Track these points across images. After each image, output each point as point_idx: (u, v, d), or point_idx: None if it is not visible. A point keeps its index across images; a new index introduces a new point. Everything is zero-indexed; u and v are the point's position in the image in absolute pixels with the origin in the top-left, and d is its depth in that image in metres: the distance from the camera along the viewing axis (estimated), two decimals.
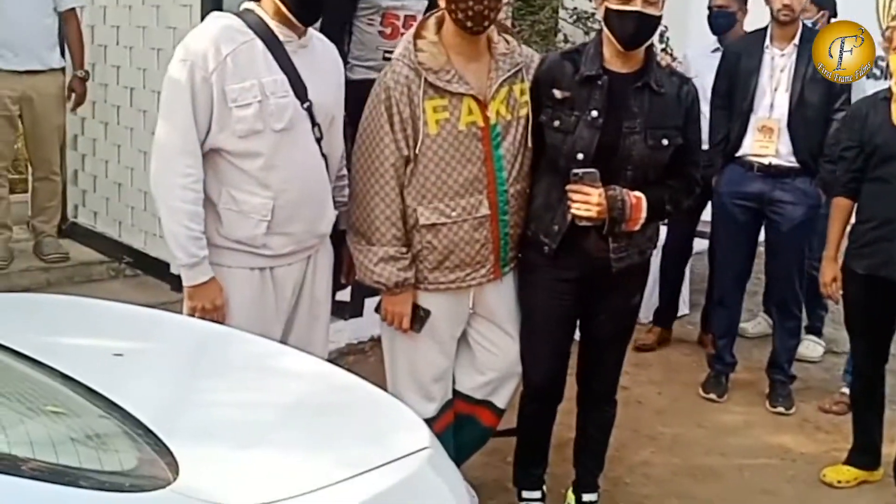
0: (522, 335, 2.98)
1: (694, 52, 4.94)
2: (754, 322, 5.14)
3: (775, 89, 4.12)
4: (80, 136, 5.56)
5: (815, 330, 4.91)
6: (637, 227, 2.76)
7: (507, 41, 2.80)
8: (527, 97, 2.79)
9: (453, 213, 2.72)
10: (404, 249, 2.74)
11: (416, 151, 2.66)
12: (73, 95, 4.98)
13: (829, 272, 3.45)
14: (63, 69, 4.96)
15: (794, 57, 4.07)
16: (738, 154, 4.19)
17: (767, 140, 4.12)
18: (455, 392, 3.01)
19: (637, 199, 2.73)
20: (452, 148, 2.68)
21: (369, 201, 2.71)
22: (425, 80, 2.63)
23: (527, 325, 2.97)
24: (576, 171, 2.68)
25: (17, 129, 4.85)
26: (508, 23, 5.78)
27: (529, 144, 2.82)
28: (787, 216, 4.14)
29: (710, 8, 4.76)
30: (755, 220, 4.26)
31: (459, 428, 3.02)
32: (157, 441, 1.67)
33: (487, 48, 2.74)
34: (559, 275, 2.88)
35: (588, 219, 2.70)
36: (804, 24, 4.09)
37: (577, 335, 3.08)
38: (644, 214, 2.74)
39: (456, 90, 2.66)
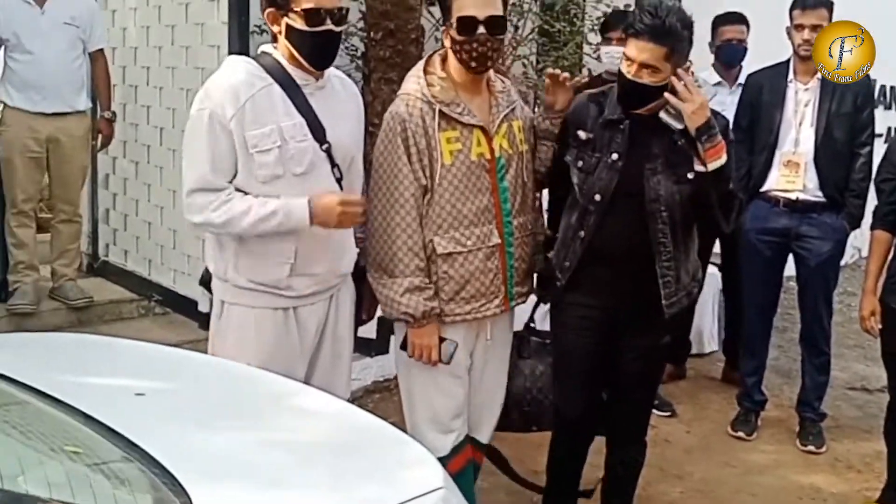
0: (554, 372, 3.01)
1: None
2: None
3: (800, 124, 4.10)
4: (112, 175, 5.68)
5: None
6: (714, 162, 2.70)
7: (503, 81, 2.90)
8: (523, 135, 2.86)
9: (468, 242, 2.75)
10: (427, 280, 2.76)
11: (432, 182, 2.71)
12: (101, 136, 5.06)
13: (868, 306, 3.41)
14: (88, 111, 5.02)
15: (818, 91, 4.06)
16: (762, 189, 4.17)
17: (794, 175, 4.10)
18: None
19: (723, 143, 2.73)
20: (465, 178, 2.73)
21: (391, 233, 2.73)
22: (439, 111, 2.69)
23: (557, 362, 3.01)
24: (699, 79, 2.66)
25: (44, 170, 4.90)
26: (533, 59, 5.84)
27: (527, 180, 2.87)
28: (815, 251, 4.11)
29: (724, 40, 4.77)
30: (781, 256, 4.23)
31: None
32: (173, 482, 1.68)
33: (486, 86, 2.83)
34: (583, 311, 2.91)
35: (687, 108, 2.67)
36: None
37: None
38: (724, 157, 2.71)
39: (467, 122, 2.72)
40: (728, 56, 4.77)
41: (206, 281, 2.84)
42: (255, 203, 2.53)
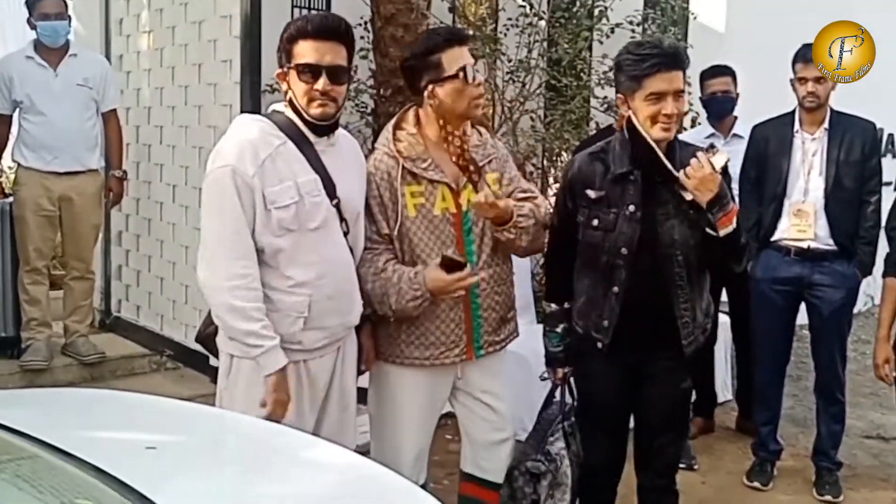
0: (579, 422, 3.07)
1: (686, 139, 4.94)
2: None
3: (808, 173, 4.12)
4: (125, 232, 5.73)
5: None
6: (725, 230, 2.74)
7: (480, 133, 2.98)
8: (498, 186, 2.93)
9: None
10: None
11: (395, 232, 2.81)
12: (111, 194, 5.12)
13: (882, 354, 3.41)
14: (101, 169, 5.08)
15: (825, 141, 4.09)
16: (773, 238, 4.17)
17: (804, 224, 4.10)
18: (462, 473, 3.15)
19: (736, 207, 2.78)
20: (428, 231, 2.84)
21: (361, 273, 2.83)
22: (403, 167, 2.80)
23: (583, 412, 3.07)
24: (713, 144, 2.75)
25: (56, 228, 4.95)
26: (541, 113, 5.91)
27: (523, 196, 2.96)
28: (828, 299, 4.10)
29: (710, 94, 4.84)
30: (794, 305, 4.22)
31: None
32: None
33: None
34: (613, 366, 2.95)
35: (690, 187, 2.72)
36: (832, 109, 4.11)
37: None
38: (735, 223, 2.76)
39: (431, 177, 2.83)
40: (715, 108, 4.85)
41: (202, 338, 2.85)
42: (266, 321, 2.57)
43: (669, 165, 2.78)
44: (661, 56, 2.72)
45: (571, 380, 3.10)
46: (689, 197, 2.75)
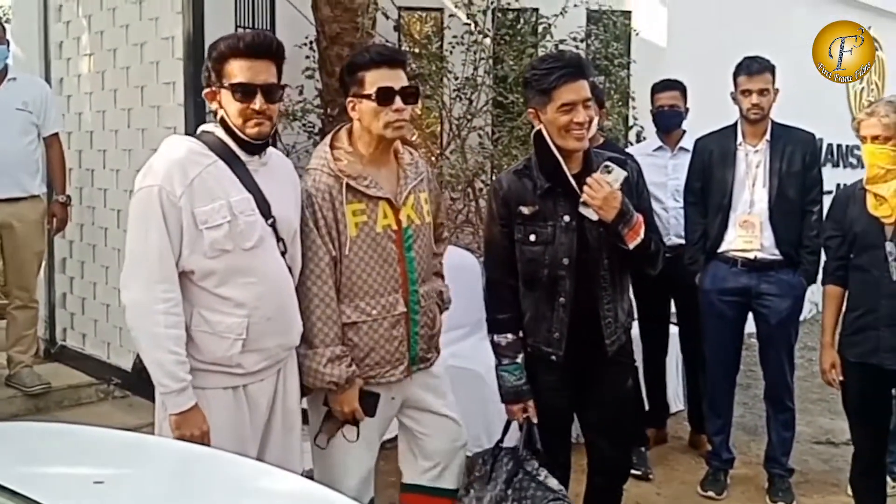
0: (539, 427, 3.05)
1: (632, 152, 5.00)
2: None
3: (752, 185, 4.18)
4: (69, 259, 5.62)
5: None
6: (634, 242, 2.83)
7: (410, 153, 3.00)
8: (429, 206, 2.98)
9: (373, 312, 2.84)
10: (345, 348, 2.82)
11: (339, 253, 2.79)
12: (55, 220, 5.02)
13: (828, 359, 3.46)
14: (43, 195, 4.98)
15: (767, 152, 4.16)
16: (719, 250, 4.23)
17: (750, 235, 4.16)
18: (405, 486, 3.12)
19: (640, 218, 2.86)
20: (371, 249, 2.82)
21: (308, 304, 2.78)
22: (346, 185, 2.77)
23: (538, 418, 3.06)
24: (607, 163, 2.82)
25: None
26: (488, 129, 5.93)
27: (435, 249, 3.04)
28: (775, 309, 4.16)
29: (658, 108, 4.88)
30: (742, 315, 4.28)
31: None
32: None
33: (395, 158, 2.93)
34: (565, 376, 2.99)
35: (594, 207, 2.79)
36: (773, 121, 4.18)
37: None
38: (643, 234, 2.84)
39: (374, 194, 2.82)
40: (663, 122, 4.90)
41: (140, 367, 2.78)
42: (183, 355, 2.53)
43: (574, 183, 2.85)
44: (566, 67, 2.80)
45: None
46: (594, 217, 2.83)
